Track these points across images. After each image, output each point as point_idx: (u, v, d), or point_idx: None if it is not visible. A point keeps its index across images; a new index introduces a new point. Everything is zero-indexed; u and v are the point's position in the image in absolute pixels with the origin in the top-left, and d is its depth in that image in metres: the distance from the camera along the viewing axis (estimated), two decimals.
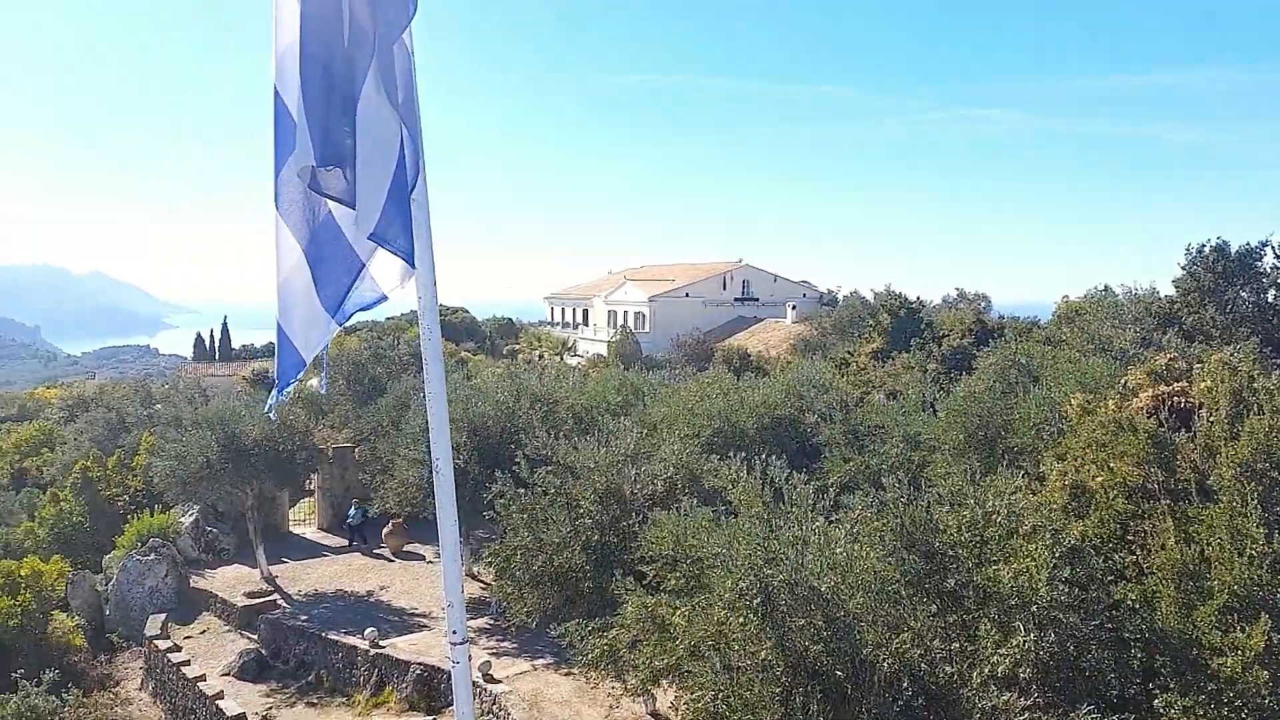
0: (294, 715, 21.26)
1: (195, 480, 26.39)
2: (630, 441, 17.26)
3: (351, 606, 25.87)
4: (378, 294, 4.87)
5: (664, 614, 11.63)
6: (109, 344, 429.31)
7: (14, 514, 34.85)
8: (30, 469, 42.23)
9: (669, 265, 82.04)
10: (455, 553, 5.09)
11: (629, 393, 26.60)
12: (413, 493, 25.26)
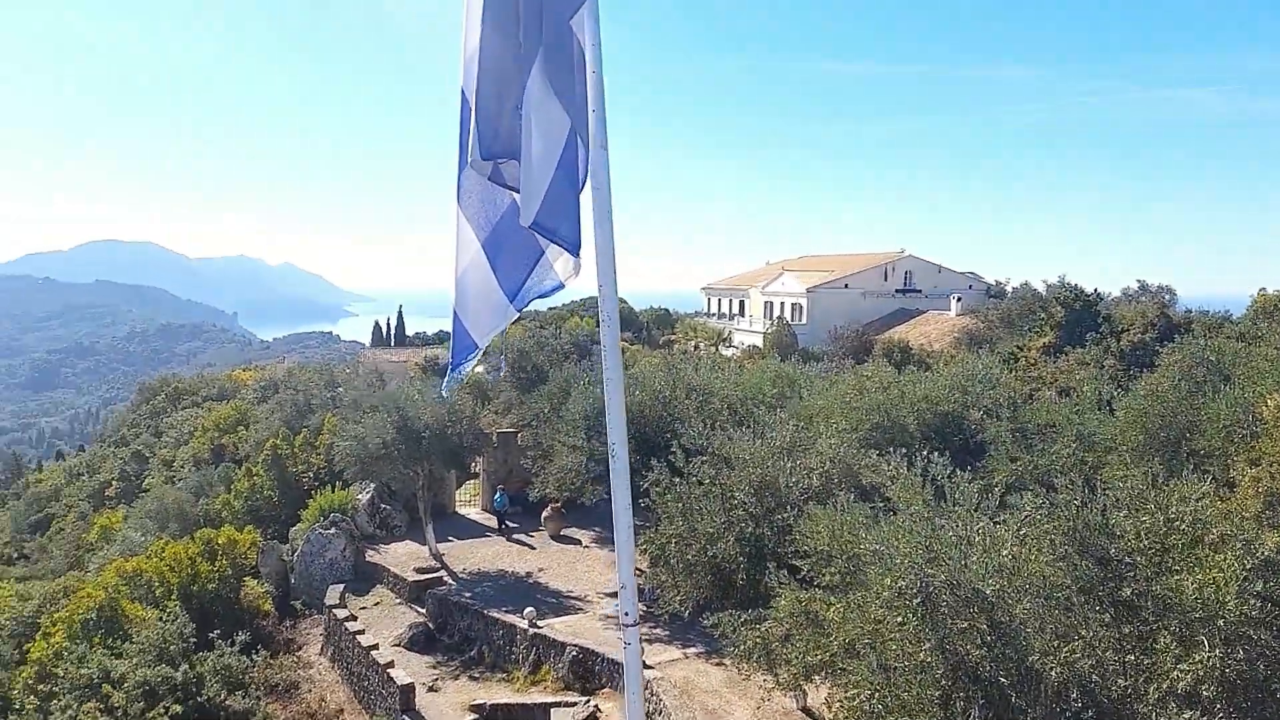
0: (458, 687, 22.21)
1: (372, 460, 27.90)
2: (786, 434, 17.14)
3: (511, 586, 26.77)
4: (555, 282, 5.03)
5: (818, 609, 11.52)
6: (296, 330, 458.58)
7: (213, 486, 37.77)
8: (228, 445, 45.71)
9: (828, 256, 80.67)
10: (629, 537, 5.19)
11: (785, 385, 26.39)
12: (571, 478, 25.91)
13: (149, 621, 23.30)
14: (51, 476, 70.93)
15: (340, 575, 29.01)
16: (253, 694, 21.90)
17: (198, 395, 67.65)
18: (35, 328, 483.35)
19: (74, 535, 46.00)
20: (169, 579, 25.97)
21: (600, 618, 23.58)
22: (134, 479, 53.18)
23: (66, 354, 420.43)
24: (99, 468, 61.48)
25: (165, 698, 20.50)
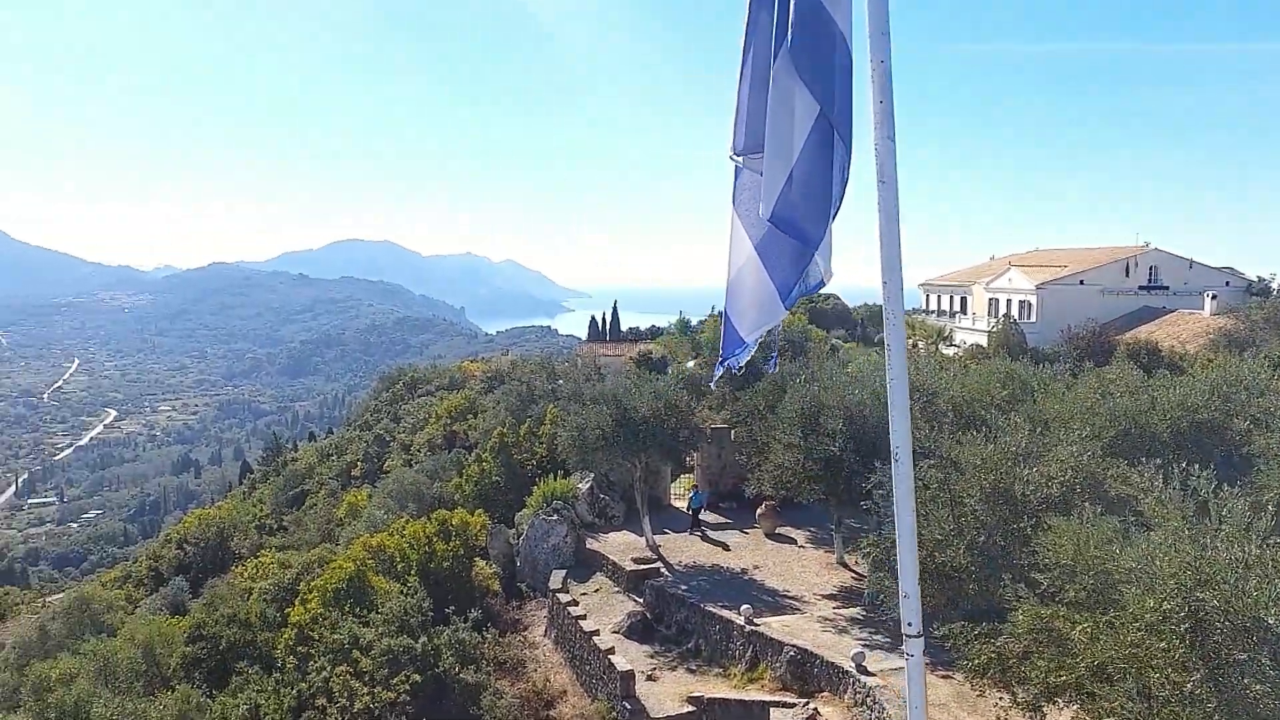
0: (675, 678, 22.57)
1: (592, 450, 28.80)
2: (1021, 439, 16.27)
3: (727, 582, 26.89)
4: (818, 278, 4.99)
5: (1061, 627, 10.87)
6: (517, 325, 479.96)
7: (446, 470, 40.17)
8: (459, 432, 48.50)
9: (1060, 250, 75.80)
10: (912, 543, 5.08)
11: (1016, 387, 25.03)
12: (787, 476, 25.67)
13: (392, 594, 25.09)
14: (305, 456, 77.50)
15: (562, 561, 30.13)
16: (483, 669, 23.16)
17: (431, 385, 71.88)
18: (291, 320, 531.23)
19: (325, 511, 50.09)
20: (409, 555, 27.86)
21: (818, 619, 23.30)
22: (376, 460, 57.29)
23: (317, 344, 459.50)
24: (346, 449, 66.59)
25: (406, 666, 22.05)
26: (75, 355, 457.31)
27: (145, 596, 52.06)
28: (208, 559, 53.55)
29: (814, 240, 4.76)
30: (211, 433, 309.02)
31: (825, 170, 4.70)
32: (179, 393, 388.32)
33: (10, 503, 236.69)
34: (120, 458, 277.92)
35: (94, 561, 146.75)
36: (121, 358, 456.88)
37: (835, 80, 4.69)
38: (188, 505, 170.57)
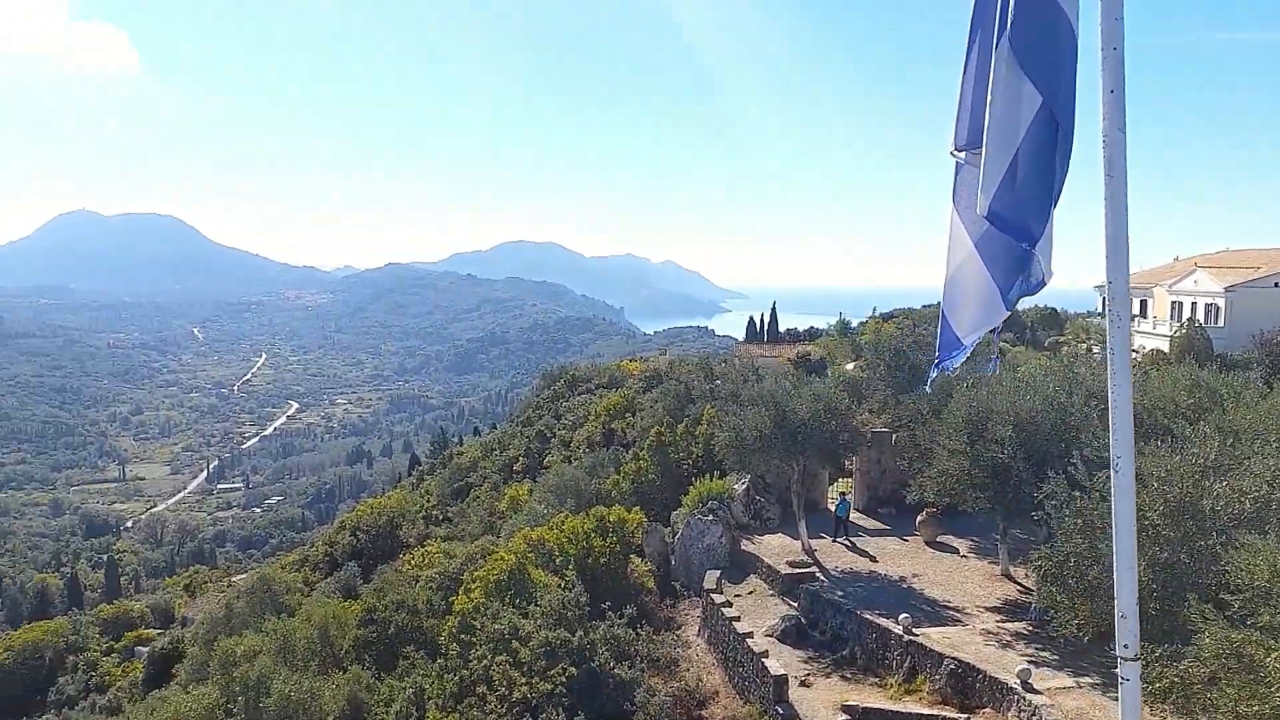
0: (829, 685, 22.17)
1: (749, 451, 28.66)
2: (1210, 451, 15.15)
3: (884, 589, 26.23)
4: (1039, 277, 4.78)
5: (1254, 653, 10.07)
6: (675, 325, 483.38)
7: (604, 467, 40.82)
8: (617, 430, 49.23)
9: (1253, 251, 70.04)
10: (1131, 562, 4.80)
11: (1203, 395, 23.35)
12: (951, 483, 24.83)
13: (550, 587, 25.70)
14: (470, 450, 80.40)
15: (716, 561, 30.10)
16: (637, 666, 23.41)
17: (591, 383, 73.19)
18: (459, 318, 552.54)
19: (488, 503, 51.79)
20: (567, 550, 28.47)
21: (980, 632, 22.43)
22: (537, 456, 58.80)
23: (483, 342, 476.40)
24: (508, 444, 68.65)
25: (563, 659, 22.54)
26: (263, 350, 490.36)
27: (321, 580, 55.15)
28: (378, 546, 56.22)
29: (1034, 237, 4.57)
30: (383, 425, 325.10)
31: (1047, 164, 4.49)
32: (355, 387, 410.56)
33: (202, 488, 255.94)
34: (300, 448, 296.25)
35: (275, 545, 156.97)
36: (304, 353, 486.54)
37: (1059, 70, 4.48)
38: (360, 494, 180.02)
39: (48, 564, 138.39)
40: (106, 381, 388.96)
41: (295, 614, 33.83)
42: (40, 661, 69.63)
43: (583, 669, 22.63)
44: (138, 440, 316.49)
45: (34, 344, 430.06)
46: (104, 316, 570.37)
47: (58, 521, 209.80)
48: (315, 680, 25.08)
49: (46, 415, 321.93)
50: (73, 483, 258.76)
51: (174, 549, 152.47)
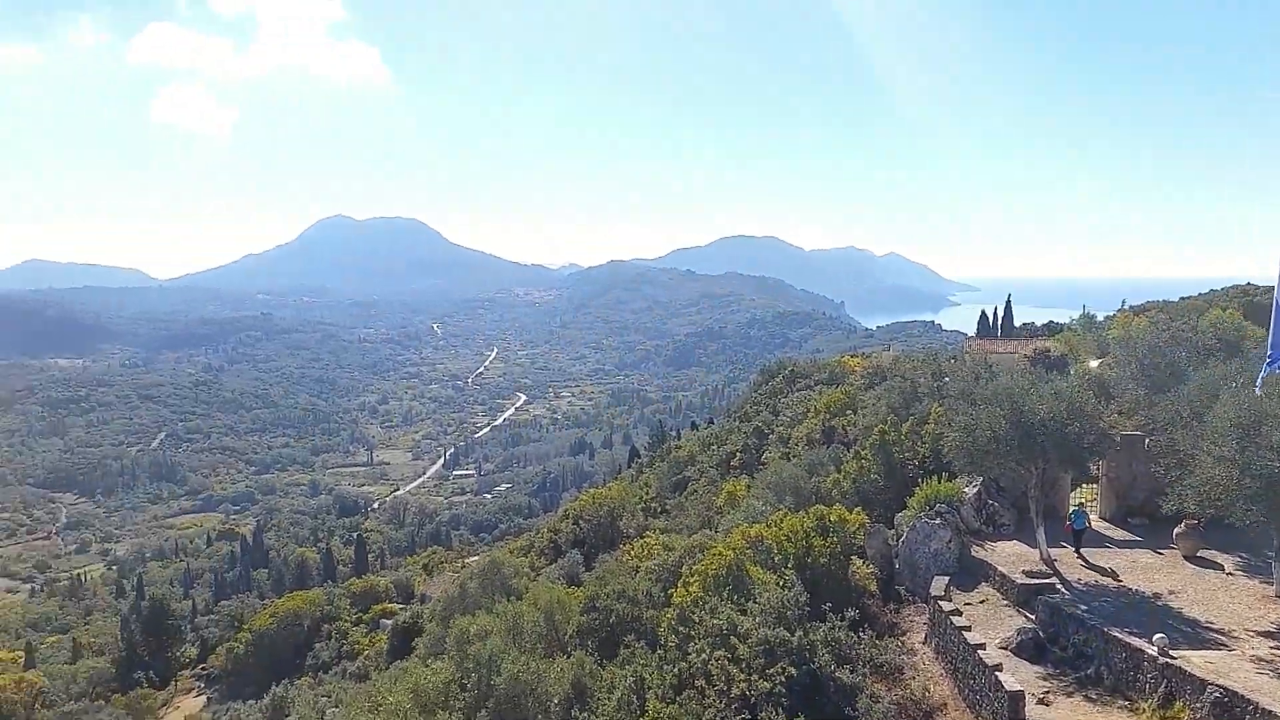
0: (1070, 705, 20.54)
1: (981, 454, 27.05)
2: None
3: (1134, 606, 24.05)
4: None
5: None
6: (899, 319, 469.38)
7: (824, 466, 39.88)
8: (838, 427, 48.05)
9: None
10: None
11: None
12: (1217, 493, 22.45)
13: (769, 585, 25.28)
14: (688, 444, 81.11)
15: (944, 567, 28.65)
16: (859, 670, 22.59)
17: (810, 379, 72.06)
18: (678, 313, 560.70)
19: (705, 498, 51.93)
20: (786, 548, 27.93)
21: (1250, 659, 20.08)
22: (754, 452, 58.42)
23: (700, 337, 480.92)
24: (725, 439, 68.65)
25: (782, 659, 22.09)
26: (494, 345, 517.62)
27: (545, 565, 57.23)
28: (599, 535, 57.68)
29: None
30: (604, 418, 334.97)
31: None
32: (578, 380, 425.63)
33: (439, 473, 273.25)
34: (527, 438, 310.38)
35: (503, 529, 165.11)
36: (531, 347, 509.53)
37: None
38: (582, 484, 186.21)
39: (306, 539, 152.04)
40: (357, 373, 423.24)
41: (523, 597, 35.15)
42: (300, 627, 76.41)
43: (803, 670, 22.09)
44: (384, 428, 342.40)
45: (297, 339, 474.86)
46: (356, 313, 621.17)
47: (315, 501, 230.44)
48: (542, 662, 25.91)
49: (307, 403, 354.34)
50: (328, 466, 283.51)
51: (414, 530, 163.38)
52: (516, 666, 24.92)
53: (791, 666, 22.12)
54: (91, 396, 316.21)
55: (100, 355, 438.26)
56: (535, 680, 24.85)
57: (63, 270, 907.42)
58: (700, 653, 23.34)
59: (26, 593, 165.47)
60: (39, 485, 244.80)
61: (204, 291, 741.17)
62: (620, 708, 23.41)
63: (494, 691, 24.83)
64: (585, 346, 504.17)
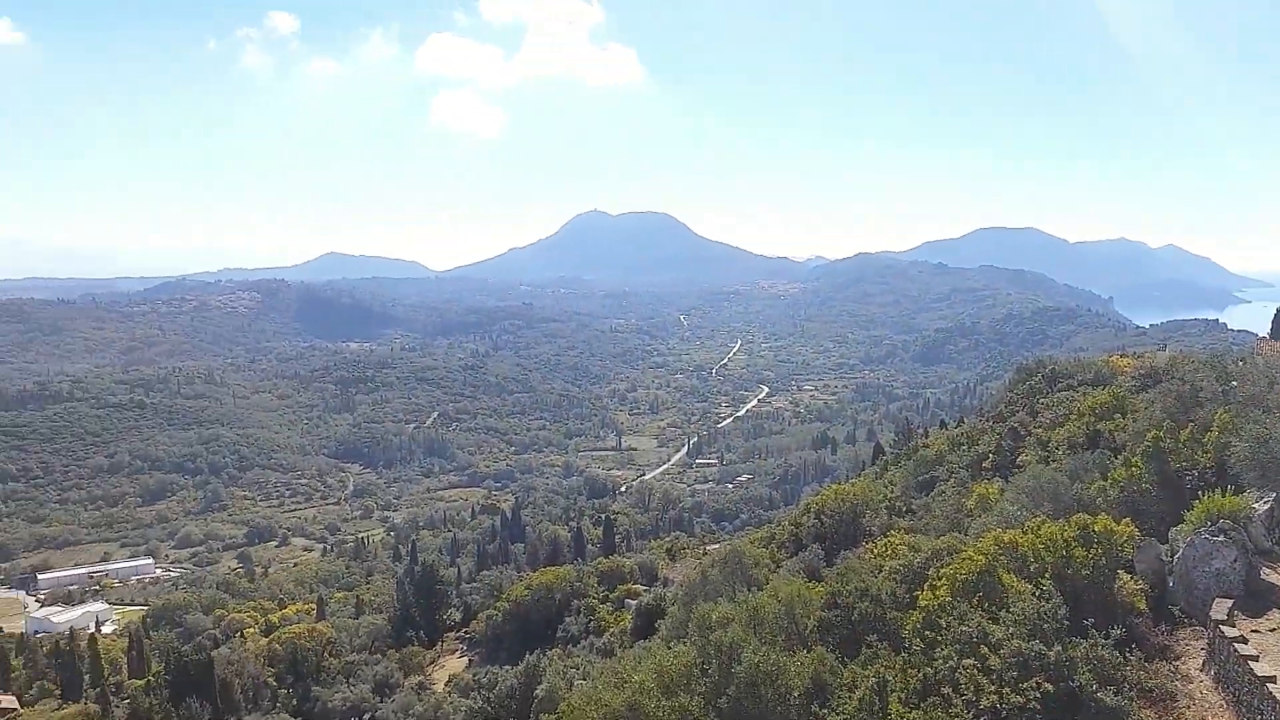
0: None
1: (1276, 466, 24.43)
2: None
3: None
4: None
5: None
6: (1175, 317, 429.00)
7: (1088, 472, 37.35)
8: (1104, 431, 44.80)
9: None
10: None
11: None
12: None
13: (1024, 595, 24.07)
14: (936, 443, 78.35)
15: (1227, 589, 26.07)
16: (1125, 693, 21.11)
17: (1073, 379, 67.74)
18: (927, 308, 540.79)
19: (954, 499, 50.01)
20: (1043, 557, 26.44)
21: None
22: (1009, 454, 55.64)
23: (951, 332, 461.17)
24: (977, 439, 65.78)
25: (1037, 673, 21.01)
26: (738, 337, 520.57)
27: (786, 558, 57.18)
28: (841, 531, 56.98)
29: None
30: (848, 413, 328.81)
31: None
32: (821, 374, 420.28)
33: (683, 461, 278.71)
34: (769, 430, 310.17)
35: (744, 520, 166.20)
36: (775, 340, 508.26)
37: None
38: (823, 479, 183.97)
39: (559, 517, 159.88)
40: (608, 361, 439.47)
41: (764, 588, 35.39)
42: (552, 601, 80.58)
43: (1060, 687, 20.91)
44: (631, 415, 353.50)
45: (554, 327, 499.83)
46: (608, 304, 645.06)
47: (568, 482, 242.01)
48: (782, 654, 26.02)
49: (562, 389, 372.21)
50: (580, 449, 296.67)
51: (658, 514, 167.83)
52: (757, 656, 25.18)
53: (1047, 682, 21.00)
54: (376, 377, 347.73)
55: (384, 340, 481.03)
56: (775, 671, 25.00)
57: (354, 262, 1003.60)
58: (947, 659, 22.63)
59: (319, 551, 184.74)
60: (331, 456, 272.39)
61: (473, 282, 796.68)
62: (861, 708, 23.13)
63: (734, 679, 25.23)
64: (829, 340, 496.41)
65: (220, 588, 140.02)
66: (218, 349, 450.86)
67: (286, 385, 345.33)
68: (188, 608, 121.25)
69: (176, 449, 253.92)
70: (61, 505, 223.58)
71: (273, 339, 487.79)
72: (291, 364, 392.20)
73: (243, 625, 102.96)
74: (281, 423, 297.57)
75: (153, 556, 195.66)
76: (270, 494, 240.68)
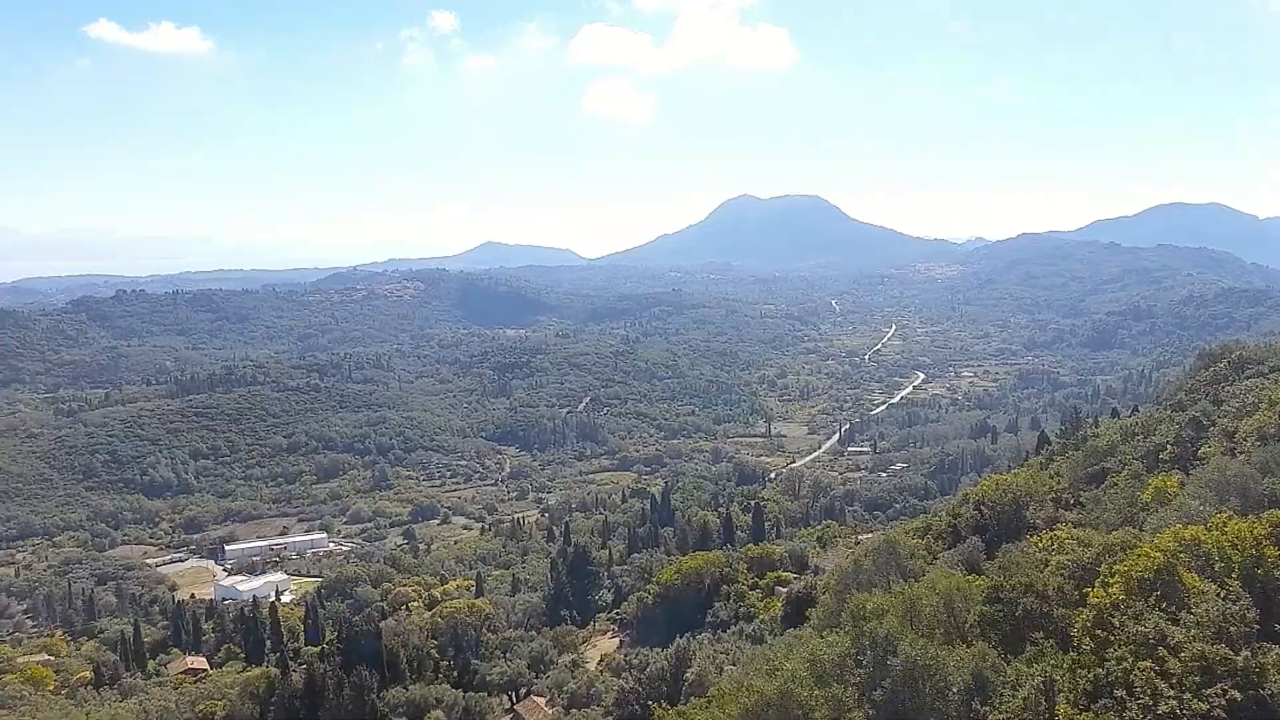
0: None
1: None
2: None
3: None
4: None
5: None
6: None
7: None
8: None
9: None
10: None
11: None
12: None
13: (1207, 595, 22.56)
14: (1107, 433, 74.29)
15: None
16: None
17: (1263, 365, 63.10)
18: (1098, 290, 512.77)
19: (1127, 492, 47.37)
20: (1230, 556, 24.72)
21: None
22: (1189, 445, 52.39)
23: (1124, 316, 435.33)
24: (1154, 429, 62.11)
25: (1222, 679, 19.67)
26: (892, 321, 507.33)
27: (943, 550, 55.54)
28: (1003, 524, 54.95)
29: None
30: (1009, 400, 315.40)
31: None
32: (980, 360, 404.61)
33: (834, 448, 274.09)
34: (924, 417, 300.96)
35: (898, 509, 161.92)
36: (931, 325, 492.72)
37: None
38: (983, 469, 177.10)
39: (708, 503, 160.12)
40: (757, 347, 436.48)
41: (920, 580, 34.45)
42: (701, 586, 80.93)
43: (1248, 695, 19.50)
44: (781, 401, 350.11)
45: (703, 313, 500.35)
46: (757, 289, 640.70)
47: (717, 467, 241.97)
48: (940, 649, 25.27)
49: (711, 375, 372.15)
50: (729, 435, 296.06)
51: (808, 502, 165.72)
52: (914, 650, 24.53)
53: (1234, 689, 19.61)
54: (530, 363, 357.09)
55: (538, 326, 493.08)
56: (934, 666, 24.31)
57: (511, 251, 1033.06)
58: (1121, 661, 21.45)
59: (478, 530, 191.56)
60: (489, 439, 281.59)
61: (624, 269, 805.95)
62: (1026, 708, 22.20)
63: (890, 671, 24.68)
64: (990, 324, 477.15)
65: (387, 562, 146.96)
66: (384, 335, 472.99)
67: (447, 370, 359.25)
68: (358, 581, 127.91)
69: (348, 430, 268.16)
70: (245, 481, 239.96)
71: (434, 325, 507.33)
72: (451, 350, 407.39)
73: (407, 599, 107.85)
74: (442, 406, 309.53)
75: (326, 531, 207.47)
76: (433, 474, 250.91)
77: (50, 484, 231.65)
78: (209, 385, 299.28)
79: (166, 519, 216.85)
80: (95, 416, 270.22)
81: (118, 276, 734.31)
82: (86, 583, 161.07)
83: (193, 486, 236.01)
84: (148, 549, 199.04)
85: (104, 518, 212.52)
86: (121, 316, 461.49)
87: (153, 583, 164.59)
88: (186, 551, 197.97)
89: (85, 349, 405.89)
